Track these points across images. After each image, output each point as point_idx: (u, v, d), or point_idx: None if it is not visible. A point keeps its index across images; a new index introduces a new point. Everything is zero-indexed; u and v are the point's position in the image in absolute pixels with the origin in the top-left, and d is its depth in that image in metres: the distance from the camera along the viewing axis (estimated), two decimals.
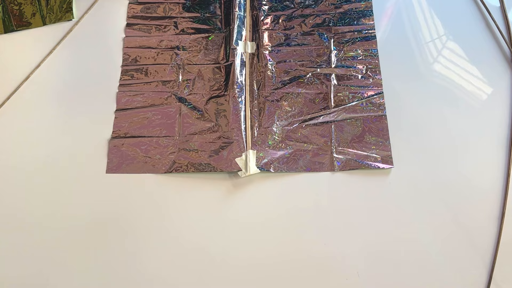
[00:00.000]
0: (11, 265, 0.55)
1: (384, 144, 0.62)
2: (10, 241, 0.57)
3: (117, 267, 0.55)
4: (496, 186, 0.60)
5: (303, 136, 0.63)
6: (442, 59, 0.70)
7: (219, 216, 0.58)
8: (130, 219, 0.58)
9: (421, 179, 0.61)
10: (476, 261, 0.56)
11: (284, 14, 0.73)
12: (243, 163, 0.60)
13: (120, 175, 0.60)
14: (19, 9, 0.73)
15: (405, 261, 0.56)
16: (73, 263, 0.55)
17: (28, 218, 0.58)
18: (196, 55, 0.69)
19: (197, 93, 0.66)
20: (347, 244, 0.57)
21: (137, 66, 0.68)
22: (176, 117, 0.64)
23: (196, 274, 0.55)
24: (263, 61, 0.68)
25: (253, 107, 0.65)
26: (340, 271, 0.55)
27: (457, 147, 0.63)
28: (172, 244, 0.56)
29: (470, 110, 0.66)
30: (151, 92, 0.66)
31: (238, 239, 0.57)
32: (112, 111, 0.65)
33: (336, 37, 0.71)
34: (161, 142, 0.62)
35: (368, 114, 0.64)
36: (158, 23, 0.72)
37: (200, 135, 0.63)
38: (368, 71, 0.68)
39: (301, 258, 0.56)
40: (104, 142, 0.62)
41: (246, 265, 0.55)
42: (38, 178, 0.60)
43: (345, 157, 0.61)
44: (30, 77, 0.67)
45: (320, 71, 0.68)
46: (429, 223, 0.58)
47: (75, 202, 0.59)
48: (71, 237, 0.57)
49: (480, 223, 0.58)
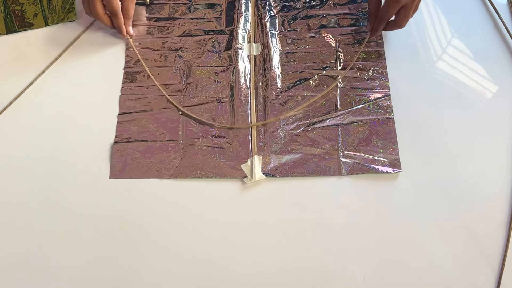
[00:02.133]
0: (12, 270, 0.55)
1: (391, 147, 0.61)
2: (12, 246, 0.56)
3: (121, 271, 0.55)
4: (505, 189, 0.59)
5: (309, 140, 0.62)
6: (448, 58, 0.69)
7: (224, 222, 0.57)
8: (133, 224, 0.57)
9: (429, 182, 0.60)
10: (484, 266, 0.55)
11: (289, 15, 0.72)
12: (249, 169, 0.60)
13: (124, 180, 0.60)
14: (21, 9, 0.72)
15: (412, 265, 0.55)
16: (77, 267, 0.55)
17: (31, 222, 0.57)
18: (200, 57, 0.68)
19: (201, 96, 0.65)
20: (353, 249, 0.56)
21: (139, 69, 0.67)
22: (179, 121, 0.63)
23: (199, 280, 0.54)
24: (268, 63, 0.67)
25: (258, 111, 0.64)
26: (346, 277, 0.54)
27: (465, 149, 0.62)
28: (175, 250, 0.56)
29: (478, 111, 0.65)
30: (154, 95, 0.65)
31: (242, 244, 0.56)
32: (115, 114, 0.64)
33: (342, 38, 0.69)
34: (164, 147, 0.62)
35: (375, 117, 0.63)
36: (161, 24, 0.71)
37: (204, 139, 0.62)
38: (375, 73, 0.67)
39: (306, 264, 0.55)
40: (107, 146, 0.62)
41: (251, 271, 0.55)
42: (39, 183, 0.59)
43: (352, 161, 0.60)
44: (34, 82, 0.67)
45: (326, 74, 0.67)
46: (436, 227, 0.57)
47: (78, 208, 0.58)
48: (74, 241, 0.56)
49: (488, 228, 0.57)
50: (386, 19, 0.65)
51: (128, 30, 0.69)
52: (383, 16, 0.64)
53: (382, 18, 0.65)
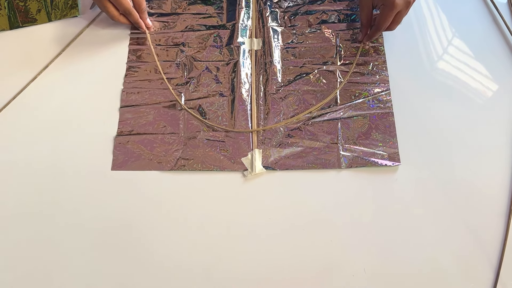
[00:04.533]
0: (14, 266, 0.55)
1: (391, 141, 0.62)
2: (14, 241, 0.57)
3: (123, 262, 0.55)
4: (504, 184, 0.59)
5: (309, 133, 0.62)
6: (448, 56, 0.70)
7: (224, 214, 0.58)
8: (135, 215, 0.58)
9: (428, 176, 0.60)
10: (483, 260, 0.55)
11: (290, 10, 0.72)
12: (249, 162, 0.60)
13: (125, 172, 0.60)
14: (24, 5, 0.73)
15: (411, 257, 0.55)
16: (79, 261, 0.55)
17: (33, 215, 0.58)
18: (201, 52, 0.69)
19: (202, 90, 0.66)
20: (353, 241, 0.56)
21: (142, 63, 0.68)
22: (180, 114, 0.64)
23: (200, 271, 0.55)
24: (269, 58, 0.68)
25: (259, 105, 0.65)
26: (346, 268, 0.55)
27: (464, 143, 0.62)
28: (176, 241, 0.56)
29: (477, 105, 0.65)
30: (155, 89, 0.66)
31: (243, 236, 0.57)
32: (117, 108, 0.65)
33: (342, 34, 0.70)
34: (166, 139, 0.62)
35: (374, 111, 0.64)
36: (164, 19, 0.72)
37: (205, 132, 0.63)
38: (374, 68, 0.67)
39: (307, 255, 0.55)
40: (109, 139, 0.62)
41: (252, 262, 0.55)
42: (42, 176, 0.60)
43: (352, 155, 0.61)
44: (37, 77, 0.67)
45: (326, 69, 0.67)
46: (435, 219, 0.57)
47: (81, 200, 0.59)
48: (76, 234, 0.57)
49: (486, 222, 0.57)
50: (384, 27, 0.65)
51: (147, 23, 0.70)
52: (381, 25, 0.65)
53: (379, 27, 0.65)
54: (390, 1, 0.60)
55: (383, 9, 0.62)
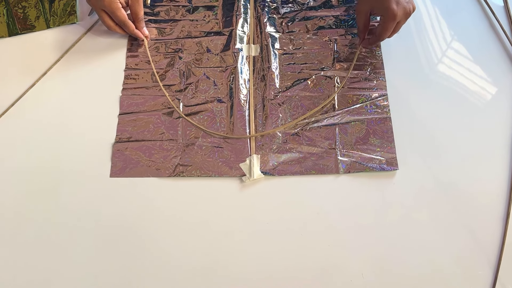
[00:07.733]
0: (14, 272, 0.55)
1: (388, 146, 0.62)
2: (14, 247, 0.57)
3: (122, 267, 0.55)
4: (502, 187, 0.60)
5: (307, 139, 0.63)
6: (446, 59, 0.70)
7: (223, 220, 0.58)
8: (133, 221, 0.58)
9: (425, 180, 0.60)
10: (482, 261, 0.56)
11: (288, 16, 0.72)
12: (247, 168, 0.60)
13: (124, 179, 0.60)
14: (23, 12, 0.73)
15: (409, 261, 0.55)
16: (78, 267, 0.55)
17: (31, 221, 0.58)
18: (199, 59, 0.69)
19: (200, 96, 0.66)
20: (351, 245, 0.56)
21: (140, 70, 0.68)
22: (179, 121, 0.64)
23: (199, 277, 0.55)
24: (267, 64, 0.68)
25: (257, 111, 0.65)
26: (344, 273, 0.55)
27: (461, 147, 0.62)
28: (175, 247, 0.56)
29: (474, 110, 0.65)
30: (153, 95, 0.66)
31: (241, 241, 0.57)
32: (115, 114, 0.65)
33: (340, 39, 0.70)
34: (164, 146, 0.62)
35: (372, 116, 0.64)
36: (161, 26, 0.72)
37: (203, 139, 0.63)
38: (372, 73, 0.67)
39: (305, 260, 0.56)
40: (107, 146, 0.62)
41: (250, 268, 0.55)
42: (40, 183, 0.60)
43: (350, 160, 0.61)
44: (36, 84, 0.68)
45: (323, 74, 0.67)
46: (433, 223, 0.58)
47: (80, 206, 0.59)
48: (74, 241, 0.57)
49: (485, 223, 0.58)
50: (384, 37, 0.65)
51: (143, 32, 0.70)
52: (381, 36, 0.65)
53: (380, 37, 0.65)
54: (390, 12, 0.61)
55: (383, 20, 0.63)
